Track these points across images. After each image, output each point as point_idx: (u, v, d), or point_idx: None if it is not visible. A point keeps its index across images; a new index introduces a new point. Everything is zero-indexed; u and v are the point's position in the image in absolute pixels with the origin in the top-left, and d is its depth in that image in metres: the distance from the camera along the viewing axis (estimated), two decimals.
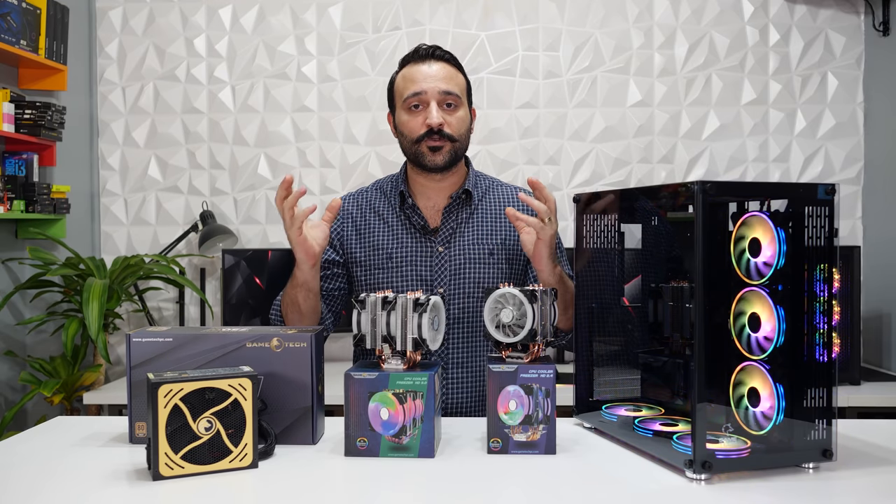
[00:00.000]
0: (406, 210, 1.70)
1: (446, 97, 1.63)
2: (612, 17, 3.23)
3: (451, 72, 1.66)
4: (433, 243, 1.68)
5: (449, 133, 1.63)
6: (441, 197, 1.72)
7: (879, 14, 3.08)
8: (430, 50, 1.66)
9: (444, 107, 1.64)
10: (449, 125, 1.63)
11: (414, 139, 1.64)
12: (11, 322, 2.85)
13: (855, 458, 1.24)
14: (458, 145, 1.66)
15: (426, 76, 1.63)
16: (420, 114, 1.64)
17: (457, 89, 1.65)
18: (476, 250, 1.68)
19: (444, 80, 1.64)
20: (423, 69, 1.64)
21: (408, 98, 1.64)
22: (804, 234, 1.17)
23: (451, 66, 1.67)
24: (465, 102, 1.68)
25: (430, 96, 1.62)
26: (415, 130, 1.64)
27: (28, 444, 1.36)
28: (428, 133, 1.62)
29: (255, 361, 1.31)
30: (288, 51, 3.28)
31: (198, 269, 3.28)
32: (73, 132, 3.11)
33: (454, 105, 1.64)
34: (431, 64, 1.65)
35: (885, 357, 2.99)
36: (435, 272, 1.67)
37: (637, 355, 1.47)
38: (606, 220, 1.48)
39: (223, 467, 1.18)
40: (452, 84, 1.65)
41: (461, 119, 1.66)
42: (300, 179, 3.27)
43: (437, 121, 1.61)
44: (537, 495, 1.09)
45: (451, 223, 1.70)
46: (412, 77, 1.65)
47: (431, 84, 1.62)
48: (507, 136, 3.25)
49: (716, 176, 3.20)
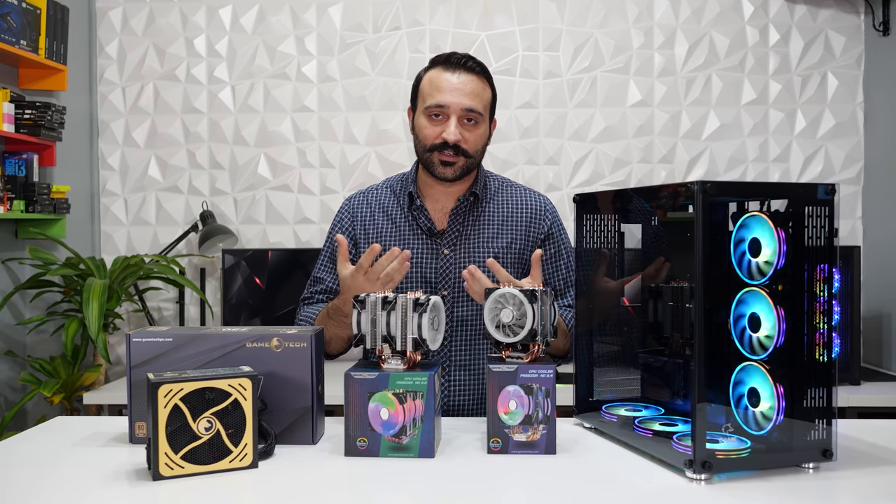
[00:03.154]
0: (414, 211, 1.70)
1: (468, 114, 1.61)
2: (612, 17, 3.24)
3: (479, 86, 1.63)
4: (439, 245, 1.68)
5: (465, 149, 1.62)
6: (449, 199, 1.71)
7: (879, 14, 3.08)
8: (462, 59, 1.63)
9: (464, 122, 1.61)
10: (466, 142, 1.61)
11: (427, 147, 1.64)
12: (11, 322, 2.85)
13: (855, 458, 1.24)
14: (472, 161, 1.65)
15: (453, 88, 1.60)
16: (439, 124, 1.62)
17: (480, 106, 1.62)
18: (481, 254, 1.67)
19: (470, 95, 1.61)
20: (451, 79, 1.61)
21: (430, 106, 1.62)
22: (804, 234, 1.17)
23: (482, 79, 1.64)
24: (486, 118, 1.65)
25: (452, 111, 1.60)
26: (430, 138, 1.63)
27: (28, 444, 1.36)
28: (442, 145, 1.61)
29: (255, 361, 1.31)
30: (288, 51, 3.28)
31: (198, 269, 3.28)
32: (73, 132, 3.11)
33: (475, 122, 1.62)
34: (461, 75, 1.62)
35: (885, 357, 2.99)
36: (440, 275, 1.67)
37: (637, 355, 1.47)
38: (606, 220, 1.48)
39: (223, 467, 1.18)
40: (477, 101, 1.62)
41: (480, 136, 1.64)
42: (300, 179, 3.27)
43: (454, 138, 1.59)
44: (537, 495, 1.09)
45: (458, 226, 1.69)
46: (438, 85, 1.62)
47: (456, 98, 1.60)
48: (507, 136, 3.25)
49: (716, 176, 3.20)
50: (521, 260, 1.70)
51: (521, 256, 1.70)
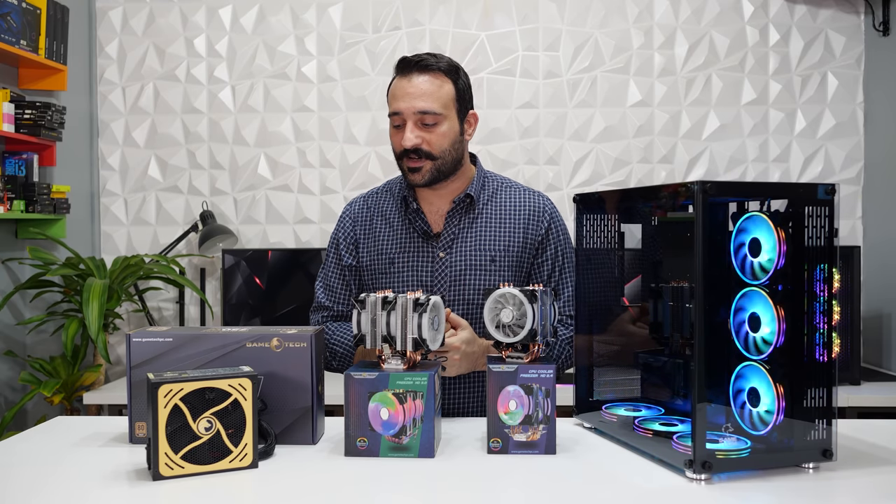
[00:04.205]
0: (410, 214, 1.70)
1: (423, 116, 1.59)
2: (612, 17, 3.23)
3: (433, 86, 1.60)
4: (434, 248, 1.67)
5: (427, 151, 1.60)
6: (444, 202, 1.70)
7: (879, 14, 3.08)
8: (412, 61, 1.61)
9: (420, 125, 1.60)
10: (428, 143, 1.60)
11: (397, 155, 1.65)
12: (11, 322, 2.85)
13: (855, 458, 1.24)
14: (441, 162, 1.62)
15: (405, 93, 1.60)
16: (400, 132, 1.62)
17: (437, 105, 1.59)
18: (477, 256, 1.66)
19: (423, 96, 1.59)
20: (404, 85, 1.60)
21: (390, 115, 1.63)
22: (804, 234, 1.17)
23: (438, 75, 1.61)
24: (449, 115, 1.62)
25: (406, 116, 1.60)
26: (396, 147, 1.64)
27: (28, 444, 1.36)
28: (405, 152, 1.61)
29: (255, 361, 1.31)
30: (288, 51, 3.28)
31: (198, 269, 3.28)
32: (73, 132, 3.11)
33: (434, 122, 1.60)
34: (414, 77, 1.60)
35: (885, 357, 2.99)
36: (436, 278, 1.66)
37: (637, 355, 1.47)
38: (606, 220, 1.48)
39: (223, 467, 1.18)
40: (431, 100, 1.59)
41: (442, 135, 1.61)
42: (300, 179, 3.27)
43: (410, 143, 1.59)
44: (537, 495, 1.09)
45: (454, 228, 1.68)
46: (394, 92, 1.62)
47: (407, 103, 1.59)
48: (507, 136, 3.25)
49: (716, 176, 3.20)
50: (520, 262, 1.69)
51: (520, 258, 1.68)
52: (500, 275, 1.65)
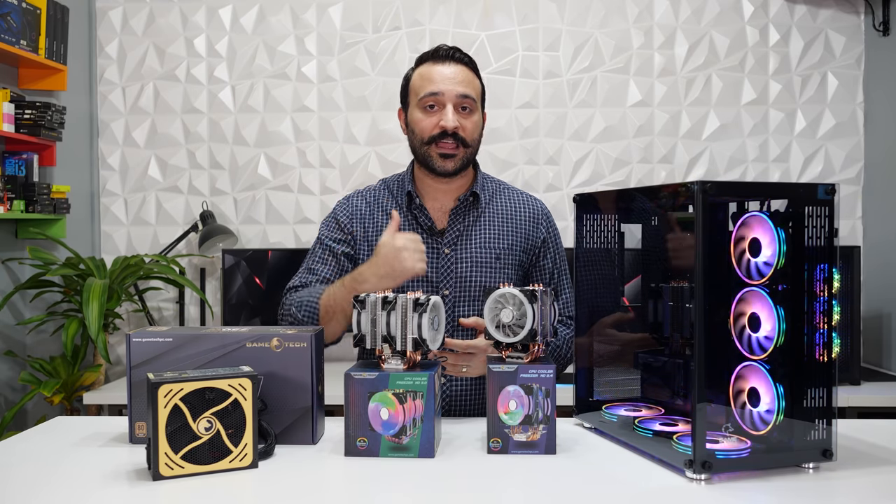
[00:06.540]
0: (413, 210, 1.70)
1: (463, 100, 1.62)
2: (612, 17, 3.23)
3: (469, 75, 1.65)
4: (440, 245, 1.68)
5: (463, 137, 1.62)
6: (448, 199, 1.71)
7: (879, 14, 3.08)
8: (450, 51, 1.65)
9: (459, 110, 1.63)
10: (464, 129, 1.62)
11: (425, 140, 1.64)
12: (11, 322, 2.85)
13: (855, 458, 1.24)
14: (471, 151, 1.65)
15: (445, 77, 1.62)
16: (435, 114, 1.63)
17: (474, 93, 1.64)
18: (483, 254, 1.67)
19: (463, 83, 1.63)
20: (442, 70, 1.63)
21: (424, 97, 1.63)
22: (804, 234, 1.17)
23: (470, 69, 1.66)
24: (479, 107, 1.67)
25: (448, 98, 1.62)
26: (427, 130, 1.63)
27: (28, 444, 1.36)
28: (441, 135, 1.61)
29: (255, 361, 1.31)
30: (288, 51, 3.28)
31: (198, 269, 3.28)
32: (73, 132, 3.11)
33: (470, 109, 1.64)
34: (450, 65, 1.64)
35: (885, 357, 2.99)
36: (441, 274, 1.66)
37: (637, 355, 1.47)
38: (606, 220, 1.48)
39: (223, 467, 1.18)
40: (470, 88, 1.64)
41: (475, 123, 1.66)
42: (300, 179, 3.27)
43: (452, 124, 1.60)
44: (537, 495, 1.09)
45: (459, 225, 1.69)
46: (430, 76, 1.63)
47: (450, 86, 1.62)
48: (507, 136, 3.25)
49: (716, 176, 3.20)
50: (520, 262, 1.70)
51: (520, 259, 1.70)
52: (504, 273, 1.66)
